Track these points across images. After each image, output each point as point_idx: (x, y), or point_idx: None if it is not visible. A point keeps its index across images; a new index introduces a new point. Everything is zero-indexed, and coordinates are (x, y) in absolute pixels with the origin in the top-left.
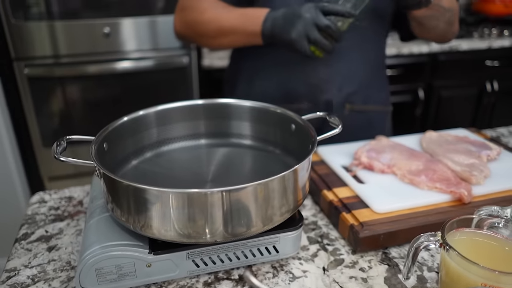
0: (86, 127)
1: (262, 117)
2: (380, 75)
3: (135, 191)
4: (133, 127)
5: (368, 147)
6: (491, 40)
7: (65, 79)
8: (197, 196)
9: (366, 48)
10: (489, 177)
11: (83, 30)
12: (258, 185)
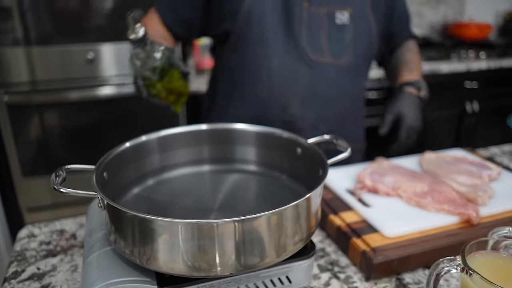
0: (69, 155)
1: (267, 142)
2: (357, 111)
3: (142, 222)
4: (134, 154)
5: (370, 170)
6: (469, 63)
7: (46, 106)
8: (208, 227)
9: (344, 85)
10: (493, 197)
11: (64, 56)
12: (272, 214)
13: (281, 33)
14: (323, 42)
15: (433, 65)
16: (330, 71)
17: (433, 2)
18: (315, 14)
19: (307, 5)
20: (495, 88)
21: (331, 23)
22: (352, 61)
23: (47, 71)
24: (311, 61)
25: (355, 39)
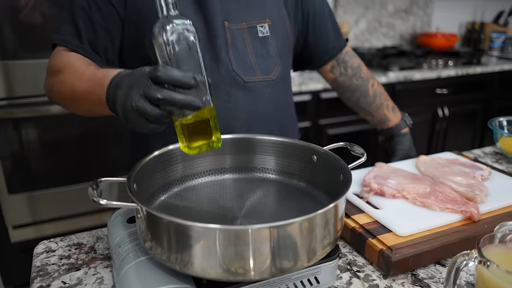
0: (56, 169)
1: (284, 150)
2: (292, 116)
3: (181, 228)
4: (160, 163)
5: (374, 174)
6: (439, 70)
7: (29, 120)
8: (244, 232)
9: (279, 98)
10: (488, 195)
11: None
12: (304, 220)
13: (209, 60)
14: (251, 60)
15: (406, 73)
16: (265, 88)
17: (402, 13)
18: (237, 31)
19: (228, 24)
20: (463, 94)
21: (254, 37)
22: (281, 73)
23: (25, 85)
24: (245, 83)
25: (278, 50)
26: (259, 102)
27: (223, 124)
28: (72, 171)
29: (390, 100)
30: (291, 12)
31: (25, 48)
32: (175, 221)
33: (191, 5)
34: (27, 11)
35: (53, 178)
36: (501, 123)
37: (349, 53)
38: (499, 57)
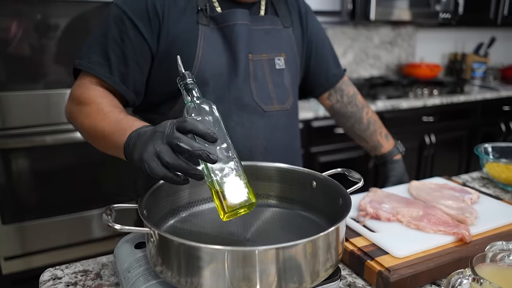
0: (49, 199)
1: (286, 177)
2: (298, 142)
3: (193, 250)
4: (167, 190)
5: (369, 199)
6: (424, 99)
7: (22, 150)
8: (251, 254)
9: (291, 126)
10: (478, 218)
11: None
12: (307, 242)
13: (233, 90)
14: (270, 90)
15: (393, 102)
16: (281, 116)
17: (387, 45)
18: (259, 62)
19: (251, 55)
20: (449, 122)
21: (272, 69)
22: (293, 103)
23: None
24: (265, 112)
25: (291, 81)
26: (276, 130)
27: (245, 151)
28: (65, 201)
29: (384, 128)
30: (299, 46)
31: (15, 80)
32: (186, 243)
33: (219, 40)
34: (16, 43)
35: (46, 208)
36: (486, 149)
37: (346, 82)
38: (481, 86)
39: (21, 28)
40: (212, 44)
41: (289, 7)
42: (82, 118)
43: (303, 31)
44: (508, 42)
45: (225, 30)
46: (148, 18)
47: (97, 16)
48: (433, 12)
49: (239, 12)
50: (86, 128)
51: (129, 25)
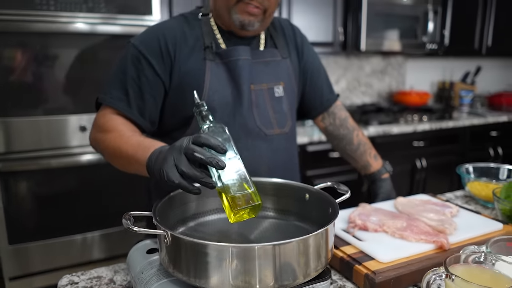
0: (53, 220)
1: (281, 190)
2: (296, 161)
3: (202, 247)
4: (177, 201)
5: (358, 212)
6: (414, 125)
7: (28, 173)
8: (251, 249)
9: (290, 147)
10: (457, 229)
11: (60, 125)
12: (300, 240)
13: (238, 117)
14: (271, 116)
15: (385, 127)
16: (281, 139)
17: (379, 74)
18: (260, 91)
19: (253, 86)
20: (439, 147)
21: (272, 97)
22: (292, 127)
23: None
24: (266, 136)
25: (289, 107)
26: (277, 152)
27: (250, 170)
28: (68, 222)
29: (373, 149)
30: (296, 73)
31: (19, 106)
32: (195, 241)
33: (224, 73)
34: (20, 72)
35: (49, 229)
36: (467, 169)
37: (338, 106)
38: (469, 112)
39: (28, 57)
40: (218, 77)
41: (287, 39)
42: (107, 143)
43: (300, 61)
44: (494, 71)
45: (229, 64)
46: (162, 57)
47: (105, 48)
48: (420, 43)
49: (241, 49)
50: (111, 151)
51: (145, 64)
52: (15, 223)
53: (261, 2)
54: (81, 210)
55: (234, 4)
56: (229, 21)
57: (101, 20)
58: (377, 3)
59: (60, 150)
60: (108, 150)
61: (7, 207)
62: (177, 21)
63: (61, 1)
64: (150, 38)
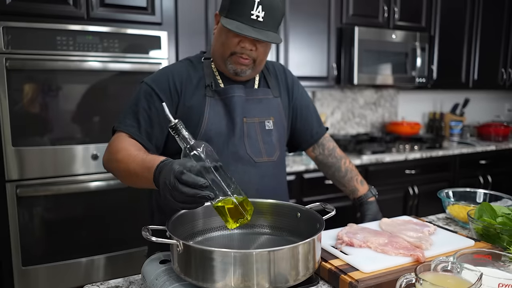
0: (66, 244)
1: (276, 210)
2: (285, 185)
3: (209, 253)
4: (186, 219)
5: (346, 231)
6: (406, 154)
7: (40, 198)
8: (249, 254)
9: (278, 173)
10: (433, 245)
11: (73, 153)
12: (291, 247)
13: (231, 146)
14: (260, 146)
15: (378, 156)
16: (269, 166)
17: (372, 105)
18: (251, 124)
19: (246, 119)
20: (430, 174)
21: (262, 129)
22: (280, 156)
23: (58, 167)
24: (256, 163)
25: (278, 139)
26: (265, 177)
27: None
28: (76, 245)
29: (359, 175)
30: (286, 110)
31: (33, 136)
32: (203, 248)
33: (221, 108)
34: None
35: (58, 253)
36: (447, 194)
37: (327, 138)
38: (458, 142)
39: (43, 92)
40: (216, 111)
41: (279, 80)
42: (116, 164)
43: (289, 99)
44: (482, 102)
45: (225, 100)
46: (170, 93)
47: (115, 83)
48: (410, 77)
49: (236, 87)
50: (121, 170)
51: (156, 98)
52: (27, 245)
53: (250, 55)
54: (88, 234)
55: (228, 56)
56: (224, 69)
57: (112, 59)
58: (368, 40)
59: (70, 177)
60: (119, 169)
61: (21, 230)
62: (183, 64)
63: (79, 42)
64: (160, 78)
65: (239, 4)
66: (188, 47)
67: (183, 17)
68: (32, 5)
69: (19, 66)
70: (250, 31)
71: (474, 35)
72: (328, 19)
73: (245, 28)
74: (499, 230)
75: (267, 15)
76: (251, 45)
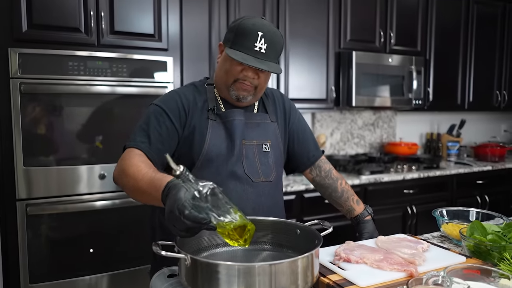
0: (71, 261)
1: (277, 227)
2: (282, 204)
3: (215, 266)
4: None
5: (343, 248)
6: (404, 173)
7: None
8: (252, 267)
9: (275, 193)
10: (426, 261)
11: (81, 173)
12: (291, 260)
13: (230, 166)
14: (258, 167)
15: (376, 176)
16: (265, 186)
17: (370, 126)
18: (250, 146)
19: (244, 141)
20: (428, 194)
21: (260, 151)
22: (276, 177)
23: (66, 186)
24: (253, 182)
25: (275, 161)
26: (262, 196)
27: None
28: (82, 263)
29: (355, 195)
30: (282, 134)
31: (43, 157)
32: (210, 262)
33: (222, 131)
34: (44, 127)
35: (64, 270)
36: (441, 212)
37: (323, 160)
38: (456, 162)
39: (53, 114)
40: (217, 133)
41: (276, 106)
42: (127, 178)
43: (286, 124)
44: (478, 123)
45: (226, 123)
46: (179, 113)
47: (120, 106)
48: (407, 99)
49: (236, 112)
50: (130, 186)
51: (166, 117)
52: (34, 263)
53: (252, 82)
54: (93, 252)
55: (231, 83)
56: (227, 95)
57: (120, 83)
58: (365, 64)
59: (77, 197)
60: (128, 185)
61: (29, 248)
62: (189, 88)
63: (90, 66)
64: (169, 99)
65: (244, 37)
66: (192, 71)
67: (188, 43)
68: (46, 33)
69: (32, 90)
70: (254, 61)
71: (469, 59)
72: (327, 44)
73: (249, 59)
74: (489, 247)
75: (269, 48)
76: (254, 74)
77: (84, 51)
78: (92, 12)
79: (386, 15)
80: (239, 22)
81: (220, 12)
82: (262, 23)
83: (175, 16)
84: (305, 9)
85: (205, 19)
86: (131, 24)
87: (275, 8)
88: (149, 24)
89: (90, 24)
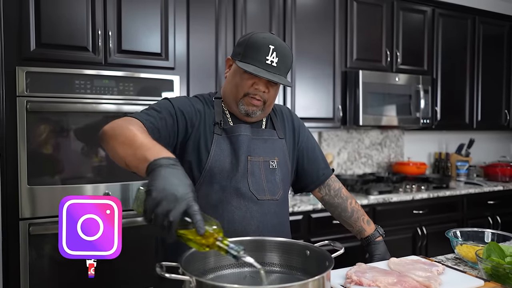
0: (76, 284)
1: (285, 249)
2: (287, 223)
3: None
4: (198, 256)
5: (354, 270)
6: (413, 194)
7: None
8: None
9: (281, 212)
10: (442, 285)
11: (86, 192)
12: (302, 283)
13: (235, 183)
14: (263, 184)
15: (385, 196)
16: (271, 205)
17: (378, 146)
18: (256, 163)
19: (250, 158)
20: (438, 215)
21: (266, 168)
22: (283, 196)
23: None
24: (258, 200)
25: (282, 179)
26: (267, 214)
27: (241, 228)
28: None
29: (366, 215)
30: (291, 153)
31: (44, 175)
32: (217, 284)
33: (227, 146)
34: (49, 145)
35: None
36: (455, 233)
37: (333, 178)
38: (466, 182)
39: (58, 133)
40: (222, 148)
41: (285, 123)
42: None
43: (295, 142)
44: (487, 142)
45: (232, 138)
46: (189, 116)
47: None
48: (415, 118)
49: (242, 127)
50: (126, 135)
51: (177, 108)
52: (36, 284)
53: (262, 96)
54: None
55: (241, 97)
56: (236, 110)
57: (126, 101)
58: (372, 83)
59: None
60: (124, 134)
61: (31, 268)
62: (198, 99)
63: (96, 85)
64: (182, 101)
65: (255, 50)
66: (199, 89)
67: (195, 62)
68: (54, 52)
69: (38, 108)
70: (266, 73)
71: (476, 78)
72: (333, 63)
73: (261, 71)
74: (508, 270)
75: (280, 61)
76: (264, 87)
77: (91, 69)
78: (100, 31)
79: (392, 34)
80: (250, 36)
81: (226, 30)
82: (273, 37)
83: (182, 34)
84: (311, 28)
85: (211, 38)
86: (139, 43)
87: (281, 26)
88: (156, 43)
89: (97, 43)
